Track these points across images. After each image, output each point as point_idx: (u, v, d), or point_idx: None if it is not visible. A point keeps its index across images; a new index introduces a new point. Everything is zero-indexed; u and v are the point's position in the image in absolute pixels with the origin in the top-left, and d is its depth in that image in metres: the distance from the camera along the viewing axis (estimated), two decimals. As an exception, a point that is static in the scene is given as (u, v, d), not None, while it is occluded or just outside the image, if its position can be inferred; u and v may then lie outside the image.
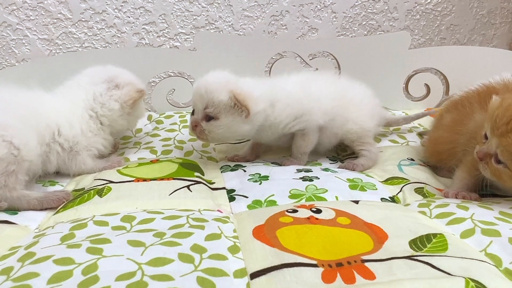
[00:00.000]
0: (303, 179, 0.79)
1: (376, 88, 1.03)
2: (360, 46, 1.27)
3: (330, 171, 0.85)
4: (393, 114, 1.19)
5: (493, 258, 0.53)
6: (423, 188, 0.78)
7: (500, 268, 0.51)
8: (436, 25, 1.48)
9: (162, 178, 0.79)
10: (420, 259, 0.51)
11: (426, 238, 0.56)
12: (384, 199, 0.74)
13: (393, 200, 0.75)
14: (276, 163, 0.93)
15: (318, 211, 0.64)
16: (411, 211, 0.67)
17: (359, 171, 0.87)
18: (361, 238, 0.57)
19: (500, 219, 0.61)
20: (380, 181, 0.82)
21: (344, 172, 0.85)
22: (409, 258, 0.51)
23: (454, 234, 0.59)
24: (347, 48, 1.26)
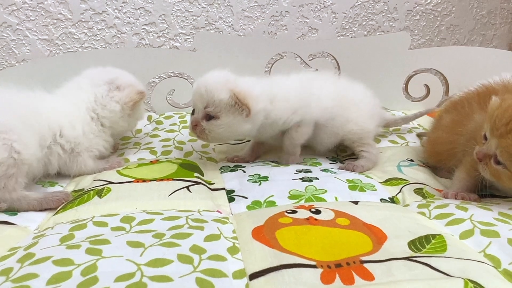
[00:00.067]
0: (303, 179, 0.79)
1: (376, 89, 1.03)
2: (360, 46, 1.27)
3: (329, 172, 0.85)
4: (393, 114, 1.19)
5: (492, 259, 0.53)
6: (423, 188, 0.78)
7: (499, 269, 0.51)
8: (436, 26, 1.48)
9: (161, 179, 0.79)
10: (419, 260, 0.51)
11: (425, 239, 0.56)
12: (383, 200, 0.74)
13: (393, 201, 0.75)
14: (276, 162, 0.93)
15: (318, 211, 0.64)
16: (411, 212, 0.67)
17: (359, 172, 0.87)
18: (360, 239, 0.57)
19: (499, 220, 0.61)
20: (379, 182, 0.82)
21: (344, 173, 0.85)
22: (408, 259, 0.51)
23: (453, 235, 0.59)
24: (347, 48, 1.26)
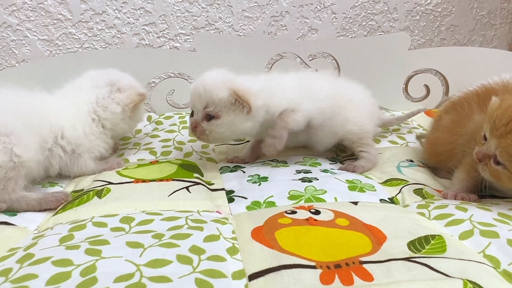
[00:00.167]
0: (302, 180, 0.79)
1: (376, 89, 1.03)
2: (360, 46, 1.27)
3: (329, 172, 0.85)
4: (393, 115, 1.19)
5: (492, 259, 0.53)
6: (422, 189, 0.78)
7: (499, 270, 0.51)
8: (436, 26, 1.48)
9: (161, 179, 0.80)
10: (418, 260, 0.51)
11: (425, 239, 0.56)
12: (383, 200, 0.74)
13: (392, 201, 0.75)
14: (276, 160, 0.93)
15: (317, 212, 0.64)
16: (410, 212, 0.67)
17: (359, 173, 0.87)
18: (360, 239, 0.57)
19: (499, 221, 0.61)
20: (379, 183, 0.82)
21: (343, 173, 0.85)
22: (407, 259, 0.51)
23: (452, 236, 0.59)
24: (347, 48, 1.26)
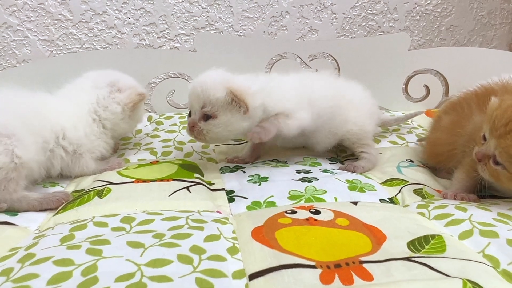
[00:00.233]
0: (302, 180, 0.79)
1: (376, 89, 1.03)
2: (360, 47, 1.27)
3: (329, 172, 0.85)
4: (393, 115, 1.19)
5: (491, 259, 0.53)
6: (422, 189, 0.78)
7: (498, 270, 0.51)
8: (436, 26, 1.48)
9: (161, 179, 0.80)
10: (418, 260, 0.51)
11: (425, 239, 0.56)
12: (383, 200, 0.74)
13: (392, 201, 0.75)
14: (276, 160, 0.93)
15: (317, 212, 0.64)
16: (410, 212, 0.68)
17: (359, 173, 0.87)
18: (360, 239, 0.57)
19: (498, 221, 0.61)
20: (379, 183, 0.82)
21: (343, 173, 0.85)
22: (407, 259, 0.51)
23: (452, 236, 0.59)
24: (347, 49, 1.27)
